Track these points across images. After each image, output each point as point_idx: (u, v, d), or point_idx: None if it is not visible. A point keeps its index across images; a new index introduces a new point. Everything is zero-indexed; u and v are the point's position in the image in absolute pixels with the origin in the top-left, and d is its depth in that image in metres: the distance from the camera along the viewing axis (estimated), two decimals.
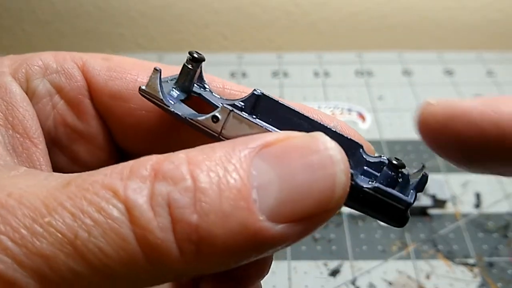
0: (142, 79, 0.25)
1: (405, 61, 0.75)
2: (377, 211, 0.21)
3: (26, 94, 0.24)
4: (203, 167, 0.17)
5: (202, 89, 0.25)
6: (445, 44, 0.82)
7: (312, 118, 0.24)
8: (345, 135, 0.24)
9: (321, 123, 0.24)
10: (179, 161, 0.18)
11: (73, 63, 0.25)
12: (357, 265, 0.47)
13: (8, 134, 0.22)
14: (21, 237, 0.16)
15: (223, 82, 0.27)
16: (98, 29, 0.81)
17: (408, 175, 0.23)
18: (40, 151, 0.23)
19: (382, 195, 0.21)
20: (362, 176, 0.24)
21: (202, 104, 0.25)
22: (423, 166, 0.24)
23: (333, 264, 0.47)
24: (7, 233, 0.16)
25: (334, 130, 0.23)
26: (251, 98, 0.24)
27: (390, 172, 0.22)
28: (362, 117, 0.65)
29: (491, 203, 0.53)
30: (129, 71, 0.26)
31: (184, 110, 0.23)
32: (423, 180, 0.23)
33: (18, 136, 0.22)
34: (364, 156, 0.24)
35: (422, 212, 0.52)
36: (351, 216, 0.52)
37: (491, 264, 0.47)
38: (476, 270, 0.47)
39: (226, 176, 0.17)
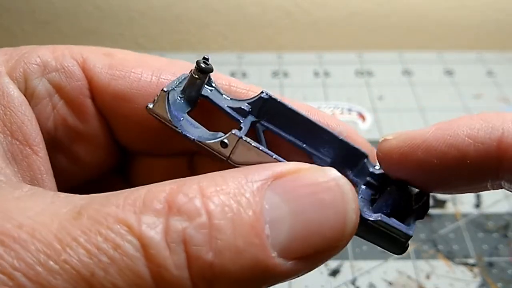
0: (146, 77, 0.24)
1: (405, 61, 0.75)
2: (377, 240, 0.22)
3: (25, 94, 0.23)
4: (217, 201, 0.17)
5: (209, 87, 0.24)
6: (445, 44, 0.82)
7: (319, 124, 0.24)
8: (351, 143, 0.24)
9: (328, 129, 0.24)
10: (192, 193, 0.17)
11: (73, 60, 0.24)
12: (357, 265, 0.47)
13: (7, 141, 0.21)
14: (36, 274, 0.16)
15: (229, 80, 0.26)
16: (98, 29, 0.81)
17: (411, 195, 0.24)
18: (41, 159, 0.22)
19: (384, 228, 0.21)
20: (364, 187, 0.24)
21: (209, 106, 0.24)
22: (427, 196, 0.24)
23: (333, 264, 0.47)
24: (21, 269, 0.15)
25: (340, 138, 0.24)
26: (258, 100, 0.24)
27: (394, 195, 0.23)
28: (362, 117, 0.65)
29: (491, 203, 0.53)
30: (132, 69, 0.25)
31: (192, 129, 0.22)
32: (425, 208, 0.23)
33: (18, 143, 0.21)
34: (368, 167, 0.24)
35: None
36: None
37: (491, 264, 0.47)
38: (476, 270, 0.47)
39: (240, 211, 0.17)
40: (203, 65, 0.22)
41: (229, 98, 0.25)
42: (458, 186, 0.22)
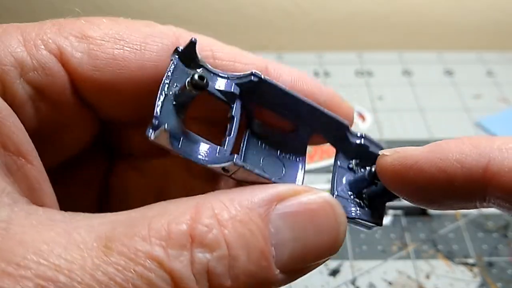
0: (130, 64, 0.23)
1: (405, 61, 0.75)
2: (354, 224, 0.26)
3: (4, 100, 0.21)
4: (232, 230, 0.19)
5: (197, 67, 0.24)
6: (445, 44, 0.82)
7: (304, 100, 0.25)
8: (333, 116, 0.26)
9: (312, 104, 0.25)
10: (210, 222, 0.19)
11: (49, 55, 0.22)
12: (357, 265, 0.47)
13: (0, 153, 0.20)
14: None
15: (212, 50, 0.25)
16: None
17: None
18: (35, 168, 0.21)
19: (360, 221, 0.26)
20: (342, 156, 0.27)
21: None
22: None
23: (333, 264, 0.47)
24: None
25: (324, 112, 0.25)
26: (248, 83, 0.24)
27: (368, 179, 0.26)
28: (362, 117, 0.65)
29: None
30: (113, 54, 0.23)
31: (192, 147, 0.23)
32: (395, 196, 0.26)
33: (10, 154, 0.20)
34: (348, 137, 0.27)
35: (422, 212, 0.52)
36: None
37: (490, 264, 0.47)
38: (476, 270, 0.47)
39: (252, 239, 0.19)
40: (199, 82, 0.21)
41: (218, 75, 0.24)
42: (447, 205, 0.24)
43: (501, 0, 0.79)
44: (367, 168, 0.26)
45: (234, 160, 0.21)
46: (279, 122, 0.26)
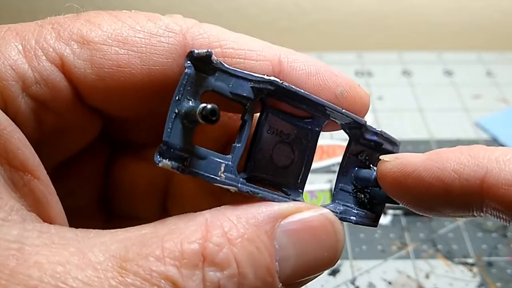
0: (134, 69, 0.22)
1: (405, 62, 0.75)
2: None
3: (7, 115, 0.20)
4: (241, 247, 0.20)
5: (215, 73, 0.22)
6: (445, 45, 0.82)
7: (323, 103, 0.25)
8: (351, 116, 0.26)
9: (330, 106, 0.25)
10: (220, 241, 0.20)
11: (51, 65, 0.21)
12: (356, 265, 0.47)
13: (5, 169, 0.20)
14: None
15: (221, 46, 0.24)
16: None
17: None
18: (42, 182, 0.21)
19: (360, 223, 0.27)
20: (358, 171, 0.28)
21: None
22: None
23: None
24: None
25: (342, 112, 0.25)
26: (264, 89, 0.23)
27: (373, 183, 0.26)
28: None
29: None
30: (118, 63, 0.22)
31: (199, 163, 0.22)
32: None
33: (16, 170, 0.20)
34: (365, 135, 0.27)
35: None
36: None
37: (490, 264, 0.47)
38: (475, 269, 0.47)
39: (259, 256, 0.20)
40: (209, 117, 0.20)
41: (235, 75, 0.23)
42: (445, 213, 0.24)
43: (501, 1, 0.79)
44: (375, 168, 0.26)
45: (239, 187, 0.22)
46: (295, 111, 0.25)
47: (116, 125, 0.28)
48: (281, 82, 0.23)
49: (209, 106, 0.20)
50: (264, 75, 0.23)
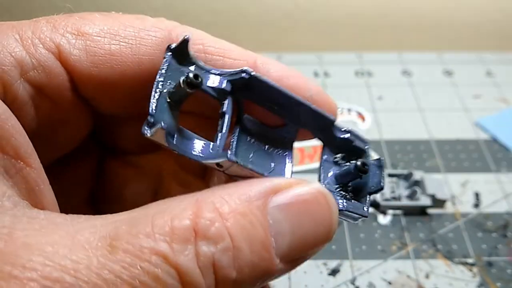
0: (126, 59, 0.24)
1: (404, 62, 0.75)
2: (340, 216, 0.26)
3: (5, 101, 0.21)
4: (233, 221, 0.20)
5: (190, 65, 0.24)
6: (445, 45, 0.82)
7: (293, 96, 0.26)
8: (320, 112, 0.26)
9: (300, 100, 0.26)
10: (212, 216, 0.19)
11: (48, 54, 0.22)
12: (356, 265, 0.47)
13: None
14: None
15: (203, 44, 0.25)
16: None
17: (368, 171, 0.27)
18: (35, 170, 0.21)
19: (346, 213, 0.26)
20: (328, 151, 0.28)
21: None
22: (380, 160, 0.28)
23: (332, 264, 0.47)
24: None
25: (311, 107, 0.26)
26: (239, 80, 0.25)
27: (354, 173, 0.26)
28: (362, 117, 0.65)
29: (490, 202, 0.53)
30: (111, 52, 0.23)
31: (185, 144, 0.23)
32: (380, 189, 0.27)
33: (9, 158, 0.20)
34: (336, 134, 0.27)
35: (422, 211, 0.52)
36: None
37: (490, 264, 0.47)
38: (475, 269, 0.47)
39: (253, 230, 0.20)
40: (193, 81, 0.22)
41: (210, 72, 0.25)
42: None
43: (501, 0, 0.79)
44: (353, 162, 0.27)
45: (228, 156, 0.22)
46: (268, 118, 0.27)
47: (106, 127, 0.29)
48: (252, 71, 0.24)
49: (191, 73, 0.21)
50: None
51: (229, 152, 0.22)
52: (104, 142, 0.30)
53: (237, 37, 0.83)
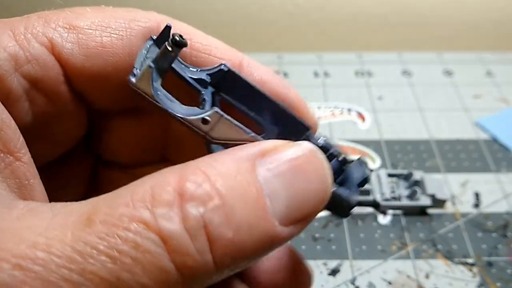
0: (118, 51, 0.24)
1: (404, 62, 0.75)
2: (327, 208, 0.25)
3: (0, 94, 0.21)
4: (223, 183, 0.18)
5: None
6: (445, 45, 0.82)
7: (271, 98, 0.25)
8: (297, 117, 0.26)
9: (279, 103, 0.25)
10: (199, 179, 0.18)
11: (42, 48, 0.22)
12: (356, 265, 0.47)
13: None
14: None
15: (190, 39, 0.25)
16: None
17: (349, 165, 0.26)
18: (25, 164, 0.20)
19: (334, 197, 0.24)
20: None
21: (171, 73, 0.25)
22: (360, 158, 0.27)
23: (332, 264, 0.47)
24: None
25: (288, 112, 0.26)
26: (218, 72, 0.25)
27: (337, 165, 0.26)
28: (362, 117, 0.65)
29: (490, 202, 0.53)
30: (102, 44, 0.24)
31: (169, 103, 0.23)
32: (365, 179, 0.26)
33: None
34: (310, 139, 0.27)
35: (422, 211, 0.52)
36: (350, 215, 0.52)
37: (490, 264, 0.47)
38: (475, 269, 0.47)
39: (244, 189, 0.18)
40: (177, 38, 0.22)
41: (190, 68, 0.25)
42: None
43: (501, 0, 0.79)
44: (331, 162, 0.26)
45: (215, 109, 0.21)
46: (246, 123, 0.26)
47: (101, 136, 0.28)
48: (230, 67, 0.24)
49: (176, 35, 0.22)
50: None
51: (215, 107, 0.22)
52: (100, 155, 0.30)
53: (237, 37, 0.83)
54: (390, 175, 0.54)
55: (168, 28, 0.23)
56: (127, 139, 0.29)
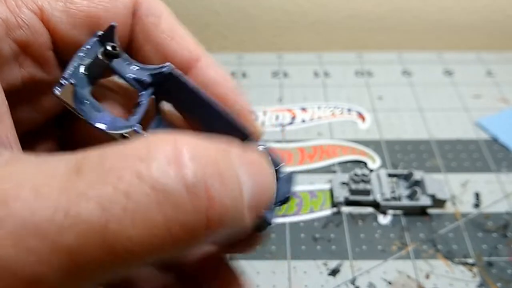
0: (103, 20, 0.25)
1: (404, 62, 0.75)
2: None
3: None
4: (215, 154, 0.18)
5: (115, 56, 0.25)
6: (445, 45, 0.82)
7: (212, 103, 0.25)
8: (238, 124, 0.26)
9: (218, 109, 0.25)
10: (196, 147, 0.17)
11: (31, 13, 0.23)
12: (356, 265, 0.47)
13: None
14: (46, 232, 0.15)
15: (160, 17, 0.26)
16: None
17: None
18: (5, 126, 0.20)
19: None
20: None
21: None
22: (291, 173, 0.26)
23: (332, 264, 0.47)
24: (29, 230, 0.15)
25: (228, 117, 0.25)
26: (159, 74, 0.25)
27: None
28: (362, 117, 0.65)
29: (490, 202, 0.53)
30: (89, 13, 0.24)
31: (95, 113, 0.23)
32: (287, 199, 0.25)
33: None
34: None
35: (422, 211, 0.52)
36: (350, 215, 0.52)
37: (490, 264, 0.47)
38: (475, 269, 0.47)
39: (227, 169, 0.18)
40: (109, 51, 0.22)
41: (132, 65, 0.25)
42: None
43: (501, 0, 0.79)
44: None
45: (134, 127, 0.21)
46: (186, 129, 0.26)
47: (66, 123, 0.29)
48: (173, 68, 0.24)
49: (109, 46, 0.23)
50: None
51: (136, 124, 0.21)
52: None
53: (237, 38, 0.83)
54: (390, 175, 0.54)
55: (112, 28, 0.24)
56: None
